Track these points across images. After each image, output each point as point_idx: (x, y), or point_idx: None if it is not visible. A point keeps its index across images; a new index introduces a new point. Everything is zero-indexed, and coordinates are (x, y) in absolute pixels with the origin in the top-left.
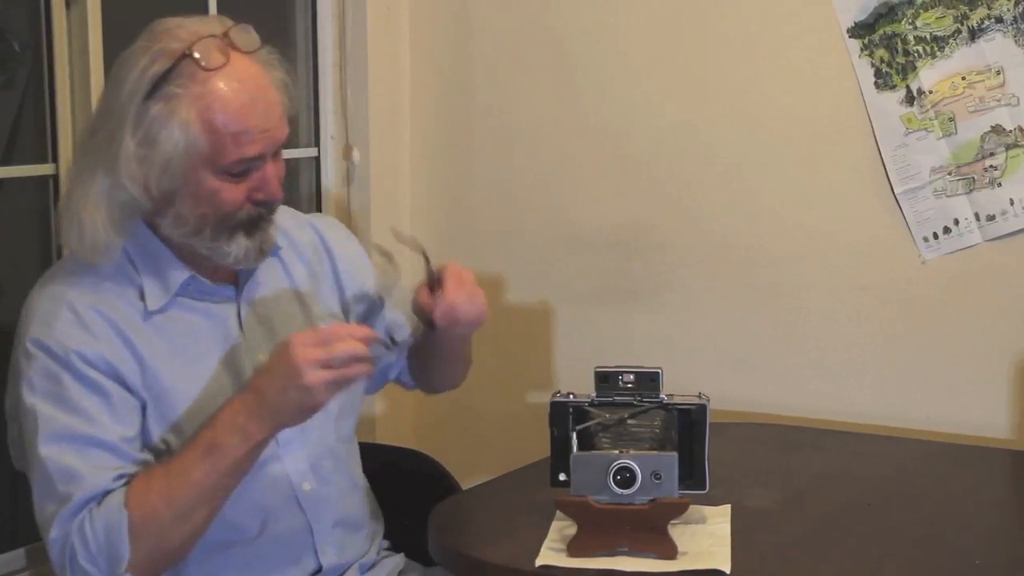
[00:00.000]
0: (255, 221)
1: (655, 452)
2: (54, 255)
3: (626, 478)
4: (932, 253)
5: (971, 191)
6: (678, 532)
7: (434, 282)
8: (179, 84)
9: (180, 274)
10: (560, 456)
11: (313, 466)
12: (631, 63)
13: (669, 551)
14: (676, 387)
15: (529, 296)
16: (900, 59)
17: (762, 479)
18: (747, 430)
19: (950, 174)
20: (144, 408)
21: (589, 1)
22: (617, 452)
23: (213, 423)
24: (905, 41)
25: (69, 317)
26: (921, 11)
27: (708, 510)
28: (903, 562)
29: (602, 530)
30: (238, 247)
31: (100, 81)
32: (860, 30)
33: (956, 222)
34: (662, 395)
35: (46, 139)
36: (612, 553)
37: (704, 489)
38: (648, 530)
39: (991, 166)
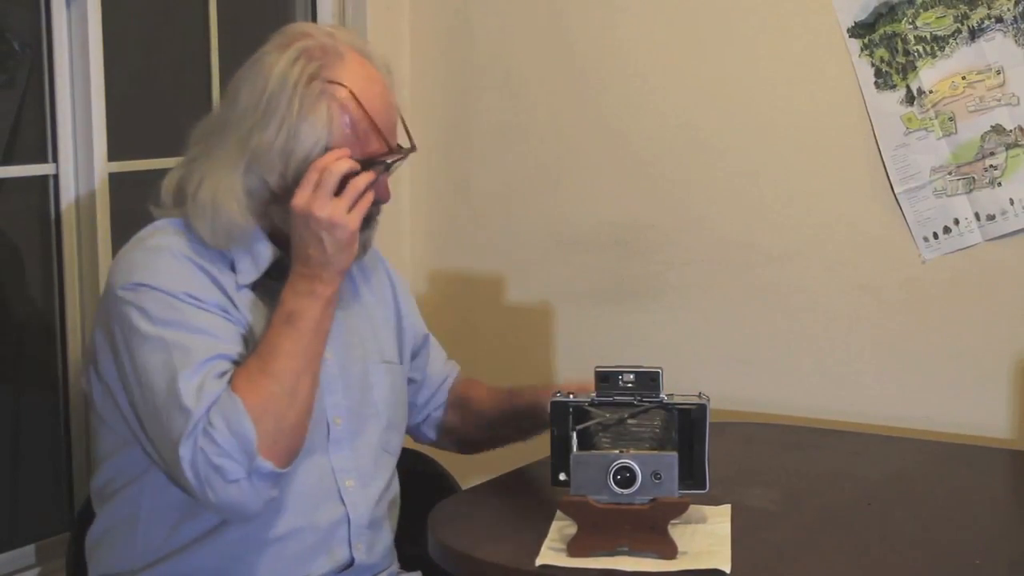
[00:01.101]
0: (366, 219)
1: (655, 452)
2: (54, 255)
3: (626, 478)
4: (932, 253)
5: (971, 191)
6: (678, 532)
7: None
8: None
9: (270, 253)
10: (560, 456)
11: (358, 466)
12: (630, 62)
13: (669, 551)
14: (676, 387)
15: (529, 296)
16: (900, 59)
17: (762, 479)
18: (747, 430)
19: (950, 174)
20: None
21: (589, 2)
22: (617, 452)
23: (281, 305)
24: (905, 41)
25: (173, 264)
26: (921, 11)
27: (708, 510)
28: (903, 562)
29: (602, 530)
30: None
31: (100, 81)
32: (860, 29)
33: (956, 222)
34: (662, 395)
35: (46, 139)
36: (612, 553)
37: (704, 489)
38: (648, 530)
39: (991, 166)
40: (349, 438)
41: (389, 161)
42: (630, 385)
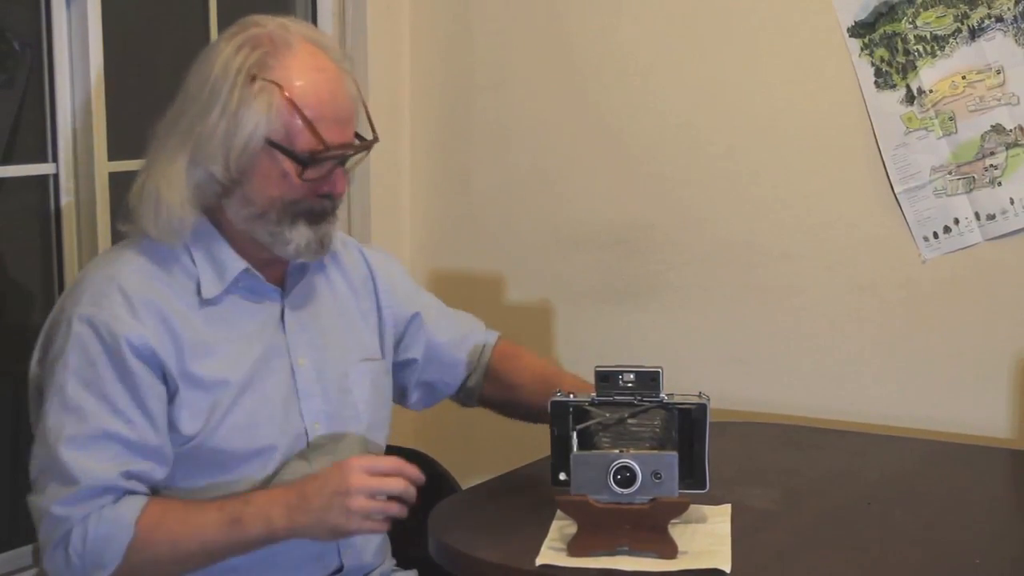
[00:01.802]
0: (319, 213)
1: (655, 451)
2: (54, 255)
3: (626, 477)
4: (932, 252)
5: (971, 190)
6: (678, 531)
7: None
8: (268, 72)
9: (236, 265)
10: (560, 455)
11: None
12: (630, 62)
13: (669, 550)
14: (676, 386)
15: (529, 296)
16: (900, 58)
17: (762, 479)
18: (747, 429)
19: (950, 173)
20: (174, 396)
21: (589, 1)
22: (617, 451)
23: (248, 500)
24: (905, 40)
25: (119, 299)
26: (921, 10)
27: (708, 509)
28: (903, 561)
29: (602, 529)
30: (300, 236)
31: (100, 81)
32: (860, 29)
33: (956, 221)
34: (662, 394)
35: (46, 139)
36: (612, 552)
37: (704, 488)
38: (648, 529)
39: (991, 165)
40: (330, 443)
41: (342, 154)
42: (630, 385)
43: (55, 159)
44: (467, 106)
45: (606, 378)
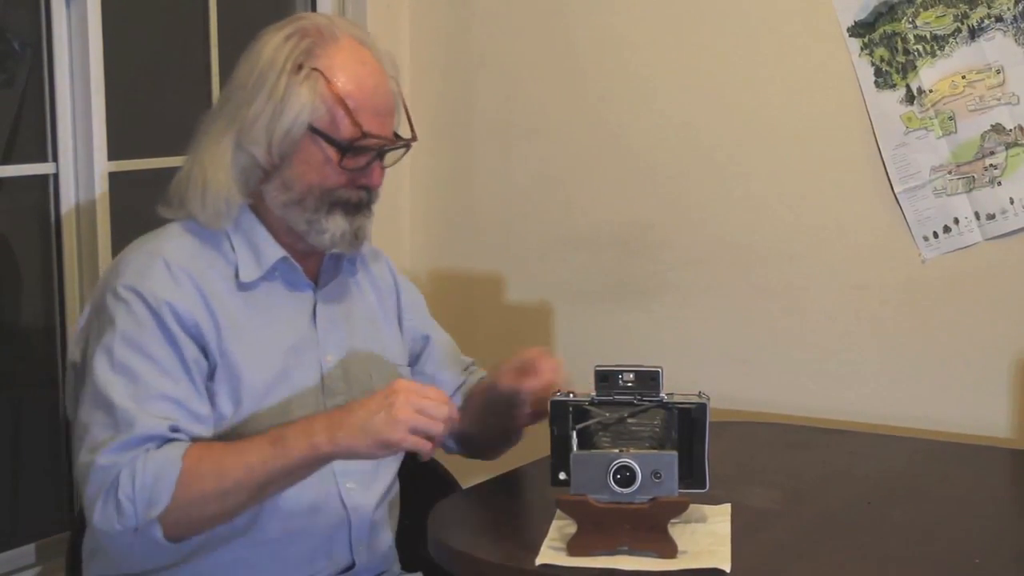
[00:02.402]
0: (355, 204)
1: (655, 451)
2: (54, 254)
3: (626, 477)
4: (932, 252)
5: (971, 190)
6: (678, 531)
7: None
8: (315, 61)
9: (275, 252)
10: (560, 455)
11: (359, 469)
12: (631, 62)
13: (669, 550)
14: (676, 386)
15: (529, 296)
16: (900, 58)
17: (762, 478)
18: (747, 429)
19: (950, 173)
20: (213, 373)
21: (589, 1)
22: (617, 451)
23: (290, 423)
24: (905, 40)
25: (163, 271)
26: (921, 10)
27: (708, 509)
28: (903, 561)
29: (602, 529)
30: (335, 226)
31: (100, 81)
32: (860, 29)
33: (956, 221)
34: (662, 394)
35: (46, 139)
36: (612, 552)
37: (704, 488)
38: (648, 529)
39: (991, 165)
40: None
41: (382, 148)
42: (630, 384)
43: (55, 159)
44: (467, 106)
45: (606, 378)
